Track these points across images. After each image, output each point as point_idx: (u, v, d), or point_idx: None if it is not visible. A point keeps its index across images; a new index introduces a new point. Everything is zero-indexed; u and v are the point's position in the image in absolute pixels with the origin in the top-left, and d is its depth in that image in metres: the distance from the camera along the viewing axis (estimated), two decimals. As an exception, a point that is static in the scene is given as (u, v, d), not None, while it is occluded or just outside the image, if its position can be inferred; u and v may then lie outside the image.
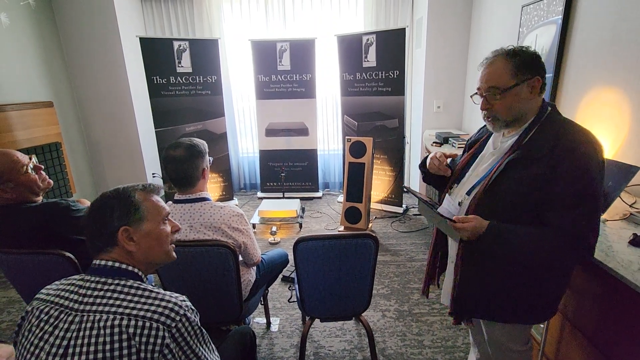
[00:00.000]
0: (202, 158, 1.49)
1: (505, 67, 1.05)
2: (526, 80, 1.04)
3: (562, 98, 2.14)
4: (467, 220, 1.05)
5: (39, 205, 1.43)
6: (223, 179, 4.15)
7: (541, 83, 1.05)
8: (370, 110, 3.82)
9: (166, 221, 0.95)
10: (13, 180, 1.37)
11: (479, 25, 3.33)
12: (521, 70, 1.04)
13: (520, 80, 1.04)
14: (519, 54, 1.05)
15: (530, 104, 1.07)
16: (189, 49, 3.69)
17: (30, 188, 1.42)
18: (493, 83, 1.06)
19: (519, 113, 1.07)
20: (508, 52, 1.06)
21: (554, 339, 1.39)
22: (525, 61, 1.04)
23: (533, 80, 1.04)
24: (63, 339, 0.76)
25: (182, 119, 3.84)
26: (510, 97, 1.05)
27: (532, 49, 1.07)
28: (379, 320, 2.18)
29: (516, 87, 1.04)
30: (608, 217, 1.41)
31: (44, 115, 3.29)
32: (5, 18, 2.97)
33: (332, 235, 1.47)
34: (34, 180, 1.42)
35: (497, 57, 1.07)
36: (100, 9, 3.51)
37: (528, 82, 1.04)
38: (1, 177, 1.34)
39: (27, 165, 1.41)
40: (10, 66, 3.02)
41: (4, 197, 1.37)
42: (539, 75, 1.05)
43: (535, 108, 1.08)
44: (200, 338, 0.85)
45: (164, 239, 0.93)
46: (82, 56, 3.65)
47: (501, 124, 1.10)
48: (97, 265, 0.85)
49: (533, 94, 1.06)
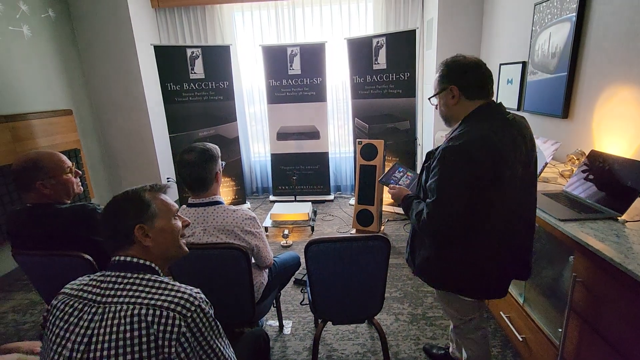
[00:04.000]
0: (215, 162, 1.52)
1: (436, 77, 1.28)
2: (445, 89, 1.24)
3: (578, 96, 2.09)
4: (394, 188, 1.43)
5: (68, 207, 1.48)
6: (235, 182, 4.20)
7: (459, 91, 1.21)
8: (381, 112, 3.81)
9: (176, 217, 1.00)
10: (55, 178, 1.45)
11: (491, 24, 3.29)
12: (442, 80, 1.25)
13: (441, 89, 1.25)
14: (446, 65, 1.24)
15: (458, 107, 1.24)
16: (202, 56, 3.77)
17: (66, 189, 1.49)
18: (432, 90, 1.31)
19: (447, 114, 1.29)
20: (442, 63, 1.26)
21: (572, 342, 1.36)
22: (445, 72, 1.23)
23: (449, 88, 1.22)
24: (87, 329, 0.80)
25: (196, 125, 3.92)
26: (438, 101, 1.29)
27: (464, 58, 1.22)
28: (392, 323, 2.16)
29: (439, 94, 1.27)
30: (627, 217, 1.37)
31: (64, 123, 3.40)
32: (27, 30, 3.10)
33: (343, 238, 1.47)
34: (72, 182, 1.51)
35: (438, 67, 1.28)
36: (116, 20, 3.62)
37: (446, 91, 1.24)
38: (47, 172, 1.42)
39: (70, 168, 1.51)
40: (32, 76, 3.14)
41: (42, 192, 1.43)
42: (455, 84, 1.21)
43: (465, 110, 1.23)
44: (215, 330, 0.88)
45: (176, 233, 0.98)
46: (99, 65, 3.77)
47: (443, 121, 1.33)
48: (117, 261, 0.89)
49: (455, 99, 1.23)
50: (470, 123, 1.19)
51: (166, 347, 0.78)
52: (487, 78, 1.22)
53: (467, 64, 1.21)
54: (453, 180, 1.14)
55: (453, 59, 1.23)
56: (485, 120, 1.18)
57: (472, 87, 1.20)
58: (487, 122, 1.17)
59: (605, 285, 1.20)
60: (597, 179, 1.58)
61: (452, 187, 1.14)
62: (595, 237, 1.25)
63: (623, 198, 1.40)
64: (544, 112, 2.39)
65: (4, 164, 2.77)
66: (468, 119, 1.21)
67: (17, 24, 3.01)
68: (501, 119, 1.19)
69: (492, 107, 1.22)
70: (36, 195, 1.44)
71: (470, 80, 1.20)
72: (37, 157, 1.43)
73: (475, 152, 1.11)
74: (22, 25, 3.06)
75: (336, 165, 4.61)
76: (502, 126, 1.17)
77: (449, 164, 1.15)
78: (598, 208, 1.46)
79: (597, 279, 1.23)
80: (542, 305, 1.63)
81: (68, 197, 1.52)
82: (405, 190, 1.46)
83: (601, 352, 1.22)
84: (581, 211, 1.45)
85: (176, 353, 0.79)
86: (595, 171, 1.60)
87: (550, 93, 2.31)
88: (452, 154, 1.14)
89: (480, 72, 1.21)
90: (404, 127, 3.71)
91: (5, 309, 2.54)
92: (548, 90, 2.34)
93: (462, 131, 1.17)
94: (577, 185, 1.66)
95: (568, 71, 2.11)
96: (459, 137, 1.15)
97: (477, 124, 1.18)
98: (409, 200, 1.36)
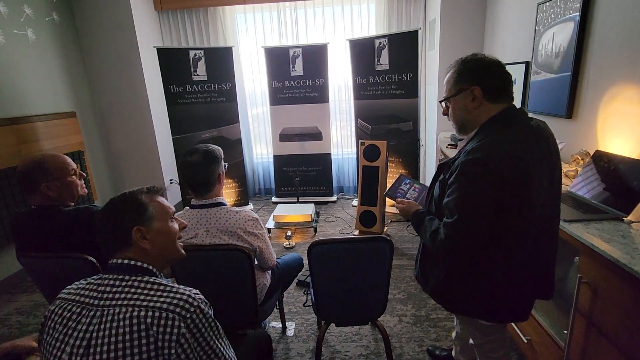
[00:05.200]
0: (218, 164, 1.52)
1: (452, 77, 1.13)
2: (464, 90, 1.09)
3: (582, 96, 2.08)
4: (403, 202, 1.31)
5: (72, 209, 1.49)
6: (238, 184, 4.20)
7: (482, 92, 1.07)
8: (384, 113, 3.81)
9: (173, 219, 1.00)
10: (60, 180, 1.45)
11: (493, 24, 3.28)
12: (461, 80, 1.10)
13: (458, 90, 1.10)
14: (465, 63, 1.10)
15: (477, 111, 1.10)
16: (204, 58, 3.78)
17: (71, 191, 1.50)
18: (444, 91, 1.17)
19: (463, 120, 1.13)
20: (458, 61, 1.12)
21: (578, 345, 1.34)
22: (465, 71, 1.09)
23: (471, 89, 1.08)
24: (86, 332, 0.80)
25: (198, 126, 3.93)
26: (453, 105, 1.14)
27: (484, 58, 1.10)
28: (395, 325, 2.15)
29: (456, 96, 1.11)
30: (633, 218, 1.36)
31: (68, 125, 3.42)
32: (32, 33, 3.12)
33: (346, 239, 1.47)
34: (77, 184, 1.52)
35: (451, 66, 1.14)
36: (119, 23, 3.64)
37: (466, 92, 1.09)
38: (52, 174, 1.43)
39: (75, 170, 1.52)
40: (36, 79, 3.16)
41: (47, 194, 1.44)
42: (478, 85, 1.07)
43: (485, 115, 1.10)
44: (215, 330, 0.87)
45: (173, 235, 0.98)
46: (102, 68, 3.79)
47: (456, 128, 1.19)
48: (115, 263, 0.89)
49: (476, 102, 1.09)
50: (490, 131, 1.07)
51: (166, 349, 0.78)
52: (510, 79, 1.11)
53: (489, 62, 1.09)
54: (475, 197, 1.02)
55: (473, 56, 1.11)
56: (507, 127, 1.06)
57: (496, 88, 1.08)
58: (510, 131, 1.05)
59: (611, 287, 1.19)
60: (602, 179, 1.56)
61: (474, 206, 1.02)
62: (600, 238, 1.23)
63: (628, 198, 1.39)
64: (548, 112, 2.38)
65: (9, 166, 2.79)
66: (487, 126, 1.09)
67: (22, 27, 3.04)
68: (526, 125, 1.07)
69: (514, 112, 1.09)
70: (40, 197, 1.44)
71: (495, 81, 1.08)
72: (41, 159, 1.44)
73: (500, 167, 0.99)
74: (27, 28, 3.08)
75: (339, 167, 4.61)
76: (527, 135, 1.05)
77: (470, 180, 1.02)
78: (603, 208, 1.45)
79: (602, 280, 1.22)
80: (547, 307, 1.61)
81: (72, 199, 1.53)
82: (415, 204, 1.33)
83: (608, 355, 1.21)
84: (586, 212, 1.44)
85: (176, 354, 0.79)
86: (600, 171, 1.59)
87: (554, 93, 2.30)
88: (474, 167, 1.01)
89: (503, 71, 1.09)
90: (406, 128, 3.70)
91: (9, 311, 2.55)
92: (552, 90, 2.33)
93: (483, 141, 1.04)
94: (582, 185, 1.64)
95: (572, 71, 2.10)
96: (480, 148, 1.02)
97: (500, 132, 1.05)
98: (420, 216, 1.23)
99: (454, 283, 1.18)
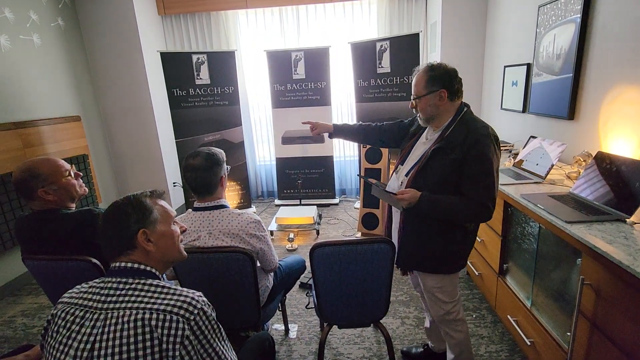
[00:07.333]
0: (220, 166, 1.53)
1: (422, 79, 1.39)
2: (434, 92, 1.37)
3: (584, 97, 2.08)
4: (405, 192, 1.38)
5: (74, 212, 1.50)
6: (241, 187, 4.22)
7: (447, 93, 1.36)
8: (386, 115, 3.81)
9: (175, 222, 1.02)
10: (56, 183, 1.46)
11: (495, 26, 3.29)
12: (431, 83, 1.37)
13: (429, 91, 1.38)
14: (434, 69, 1.38)
15: (444, 107, 1.39)
16: (207, 62, 3.81)
17: (69, 192, 1.51)
18: (414, 90, 1.43)
19: (432, 114, 1.41)
20: (428, 67, 1.39)
21: (581, 346, 1.34)
22: (436, 76, 1.37)
23: (439, 91, 1.36)
24: (90, 335, 0.80)
25: (201, 129, 3.95)
26: (424, 102, 1.40)
27: (446, 66, 1.39)
28: (398, 327, 2.15)
29: (427, 96, 1.39)
30: (636, 219, 1.35)
31: (72, 129, 3.46)
32: (37, 39, 3.16)
33: (348, 241, 1.47)
34: (74, 185, 1.53)
35: (421, 70, 1.41)
36: (124, 28, 3.68)
37: (435, 93, 1.37)
38: (47, 179, 1.44)
39: (69, 171, 1.52)
40: (41, 83, 3.20)
41: (46, 199, 1.45)
42: (445, 88, 1.36)
43: (452, 109, 1.41)
44: (217, 332, 0.88)
45: (176, 238, 1.00)
46: (107, 72, 3.83)
47: (423, 120, 1.47)
48: (117, 267, 0.90)
49: (442, 100, 1.37)
50: (470, 118, 1.39)
51: (170, 351, 0.79)
52: (461, 82, 1.43)
53: (452, 71, 1.39)
54: (494, 164, 1.31)
55: (439, 64, 1.40)
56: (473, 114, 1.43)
57: (456, 90, 1.39)
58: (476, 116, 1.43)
59: (613, 288, 1.18)
60: (604, 180, 1.56)
61: (494, 171, 1.31)
62: (603, 239, 1.23)
63: (631, 200, 1.39)
64: (550, 113, 2.38)
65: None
66: (465, 114, 1.40)
67: (28, 33, 3.08)
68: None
69: (467, 105, 1.43)
70: (41, 202, 1.45)
71: (456, 84, 1.39)
72: (32, 166, 1.44)
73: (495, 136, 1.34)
74: (32, 34, 3.12)
75: (341, 169, 4.62)
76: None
77: (488, 150, 1.30)
78: (606, 210, 1.45)
79: (605, 281, 1.22)
80: (550, 309, 1.61)
81: (72, 200, 1.53)
82: (414, 190, 1.37)
83: (611, 356, 1.21)
84: (588, 213, 1.44)
85: (180, 356, 0.80)
86: (602, 173, 1.59)
87: (556, 94, 2.30)
88: (490, 140, 1.31)
89: (459, 77, 1.41)
90: (408, 130, 3.70)
91: (15, 313, 2.57)
92: (553, 92, 2.33)
93: (474, 123, 1.36)
94: (584, 187, 1.64)
95: (573, 72, 2.10)
96: (479, 127, 1.33)
97: (474, 117, 1.40)
98: (431, 197, 1.35)
99: (451, 246, 1.44)
